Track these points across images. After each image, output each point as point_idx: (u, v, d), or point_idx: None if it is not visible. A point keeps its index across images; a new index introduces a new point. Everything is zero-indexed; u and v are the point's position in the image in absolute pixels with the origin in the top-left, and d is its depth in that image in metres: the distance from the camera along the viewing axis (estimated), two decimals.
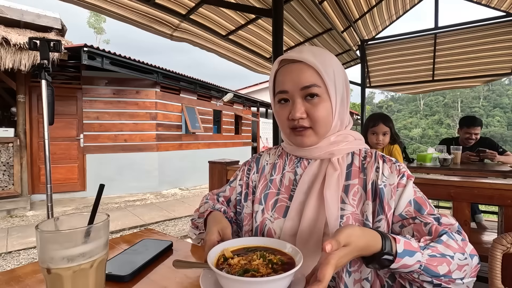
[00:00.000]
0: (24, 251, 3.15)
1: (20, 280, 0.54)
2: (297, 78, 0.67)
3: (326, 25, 3.84)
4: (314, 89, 0.66)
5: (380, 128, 2.09)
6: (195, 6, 2.77)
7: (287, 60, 0.69)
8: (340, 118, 0.71)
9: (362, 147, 0.74)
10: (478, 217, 2.45)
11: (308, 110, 0.67)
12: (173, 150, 6.91)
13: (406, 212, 0.63)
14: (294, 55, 0.68)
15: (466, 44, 4.36)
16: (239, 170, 0.87)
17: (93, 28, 33.82)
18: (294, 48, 0.72)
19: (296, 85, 0.67)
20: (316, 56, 0.67)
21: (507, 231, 1.05)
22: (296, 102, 0.67)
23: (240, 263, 0.50)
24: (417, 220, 0.60)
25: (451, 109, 47.29)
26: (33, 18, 4.58)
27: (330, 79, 0.67)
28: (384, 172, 0.67)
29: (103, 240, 0.43)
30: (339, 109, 0.70)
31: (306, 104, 0.67)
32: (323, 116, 0.67)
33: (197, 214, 0.81)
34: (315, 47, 0.72)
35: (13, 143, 4.80)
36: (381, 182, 0.66)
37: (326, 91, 0.67)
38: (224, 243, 0.57)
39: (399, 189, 0.65)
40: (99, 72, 5.74)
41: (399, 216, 0.63)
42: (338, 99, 0.69)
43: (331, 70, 0.68)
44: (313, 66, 0.66)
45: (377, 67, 5.24)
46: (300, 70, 0.67)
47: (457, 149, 2.57)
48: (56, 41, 1.94)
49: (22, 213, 4.62)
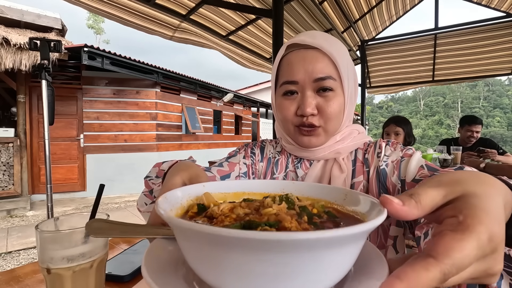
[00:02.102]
0: (24, 251, 3.15)
1: (20, 280, 0.54)
2: (311, 68, 0.57)
3: (326, 25, 3.84)
4: (328, 82, 0.58)
5: (391, 128, 2.25)
6: (195, 7, 2.78)
7: (298, 45, 0.59)
8: (349, 114, 0.64)
9: (366, 140, 0.68)
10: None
11: (319, 105, 0.59)
12: (173, 150, 6.91)
13: (420, 175, 0.52)
14: (308, 40, 0.57)
15: (466, 45, 4.36)
16: (239, 148, 0.75)
17: (93, 29, 33.86)
18: (305, 32, 0.62)
19: (309, 76, 0.58)
20: (332, 44, 0.59)
21: None
22: (306, 96, 0.58)
23: (234, 214, 0.26)
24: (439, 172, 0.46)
25: (451, 109, 47.31)
26: (33, 18, 4.58)
27: (345, 72, 0.59)
28: (386, 152, 0.61)
29: (103, 240, 0.43)
30: (349, 106, 0.62)
31: (317, 98, 0.59)
32: (336, 113, 0.59)
33: (156, 171, 0.61)
34: (327, 34, 0.62)
35: (13, 143, 4.80)
36: (382, 163, 0.59)
37: (341, 85, 0.59)
38: (197, 185, 0.34)
39: (404, 159, 0.56)
40: (99, 72, 5.74)
41: (414, 182, 0.52)
42: (351, 94, 0.62)
43: (345, 61, 0.60)
44: (329, 55, 0.57)
45: (377, 68, 5.25)
46: (315, 58, 0.57)
47: (457, 150, 2.57)
48: (56, 41, 1.95)
49: (22, 213, 4.62)
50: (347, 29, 4.54)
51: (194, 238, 0.21)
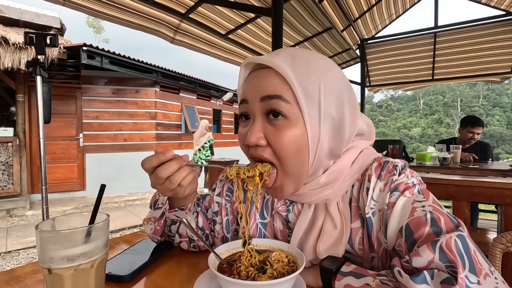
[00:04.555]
0: (24, 250, 3.15)
1: (20, 280, 0.54)
2: (259, 84, 0.48)
3: (326, 24, 3.83)
4: (278, 103, 0.46)
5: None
6: (195, 5, 2.77)
7: (257, 65, 0.51)
8: (331, 152, 0.50)
9: (370, 162, 0.53)
10: None
11: (268, 135, 0.48)
12: (172, 149, 6.86)
13: (398, 246, 0.44)
14: (262, 58, 0.49)
15: (465, 43, 4.36)
16: (219, 181, 0.72)
17: (92, 27, 33.79)
18: (278, 49, 0.54)
19: (256, 93, 0.48)
20: (296, 60, 0.48)
21: (506, 230, 1.05)
22: (255, 120, 0.49)
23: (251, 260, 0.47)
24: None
25: (451, 108, 47.38)
26: (32, 17, 4.57)
27: (308, 96, 0.46)
28: (374, 193, 0.49)
29: (104, 240, 0.43)
30: (328, 139, 0.48)
31: (267, 127, 0.48)
32: (290, 149, 0.47)
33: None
34: (304, 51, 0.52)
35: (13, 143, 4.79)
36: (368, 209, 0.49)
37: (300, 111, 0.46)
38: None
39: (388, 212, 0.46)
40: (98, 71, 5.73)
41: (394, 252, 0.45)
42: (325, 126, 0.47)
43: (314, 82, 0.47)
44: (282, 73, 0.46)
45: (377, 66, 5.24)
46: (266, 76, 0.48)
47: (456, 148, 2.58)
48: (52, 35, 1.86)
49: (22, 213, 4.62)
50: (346, 28, 4.54)
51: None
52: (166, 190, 0.54)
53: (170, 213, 0.65)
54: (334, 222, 0.51)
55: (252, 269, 0.46)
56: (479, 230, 2.16)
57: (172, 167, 0.51)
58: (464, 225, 0.41)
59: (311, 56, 0.50)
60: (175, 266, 0.62)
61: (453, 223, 0.40)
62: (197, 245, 0.66)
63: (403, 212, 0.44)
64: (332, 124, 0.48)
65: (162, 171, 0.51)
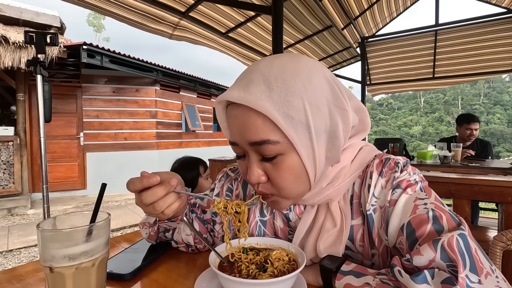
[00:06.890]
0: (25, 249, 3.16)
1: (22, 278, 0.54)
2: (243, 130, 0.45)
3: (326, 22, 3.82)
4: (267, 149, 0.44)
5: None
6: (195, 4, 2.77)
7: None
8: (329, 161, 0.48)
9: (370, 159, 0.53)
10: None
11: (268, 171, 0.47)
12: (173, 148, 6.90)
13: (399, 244, 0.44)
14: (235, 96, 0.44)
15: (466, 41, 4.35)
16: (218, 179, 0.71)
17: (93, 26, 33.75)
18: (245, 70, 0.49)
19: (242, 138, 0.46)
20: (272, 88, 0.43)
21: (507, 228, 1.05)
22: (250, 161, 0.47)
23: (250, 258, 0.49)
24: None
25: (452, 106, 47.29)
26: (32, 16, 4.56)
27: (294, 123, 0.43)
28: (376, 189, 0.49)
29: (105, 238, 0.43)
30: (325, 151, 0.47)
31: (264, 164, 0.47)
32: (290, 180, 0.46)
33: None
34: (278, 66, 0.45)
35: (13, 142, 4.80)
36: (369, 206, 0.49)
37: (290, 142, 0.44)
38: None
39: (389, 209, 0.46)
40: (98, 70, 5.73)
41: (395, 250, 0.46)
42: (319, 142, 0.45)
43: (298, 105, 0.43)
44: (261, 111, 0.42)
45: (378, 65, 5.23)
46: (246, 117, 0.44)
47: (457, 146, 2.58)
48: (52, 34, 1.87)
49: (23, 212, 4.63)
50: (347, 26, 4.52)
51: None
52: (149, 213, 0.54)
53: (162, 223, 0.66)
54: (334, 220, 0.51)
55: (253, 267, 0.46)
56: (479, 228, 2.16)
57: (157, 194, 0.49)
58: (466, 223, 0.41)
59: (286, 72, 0.44)
60: (176, 264, 0.62)
61: (455, 221, 0.41)
62: (195, 248, 0.67)
63: (404, 210, 0.45)
64: (325, 137, 0.46)
65: (147, 197, 0.49)
